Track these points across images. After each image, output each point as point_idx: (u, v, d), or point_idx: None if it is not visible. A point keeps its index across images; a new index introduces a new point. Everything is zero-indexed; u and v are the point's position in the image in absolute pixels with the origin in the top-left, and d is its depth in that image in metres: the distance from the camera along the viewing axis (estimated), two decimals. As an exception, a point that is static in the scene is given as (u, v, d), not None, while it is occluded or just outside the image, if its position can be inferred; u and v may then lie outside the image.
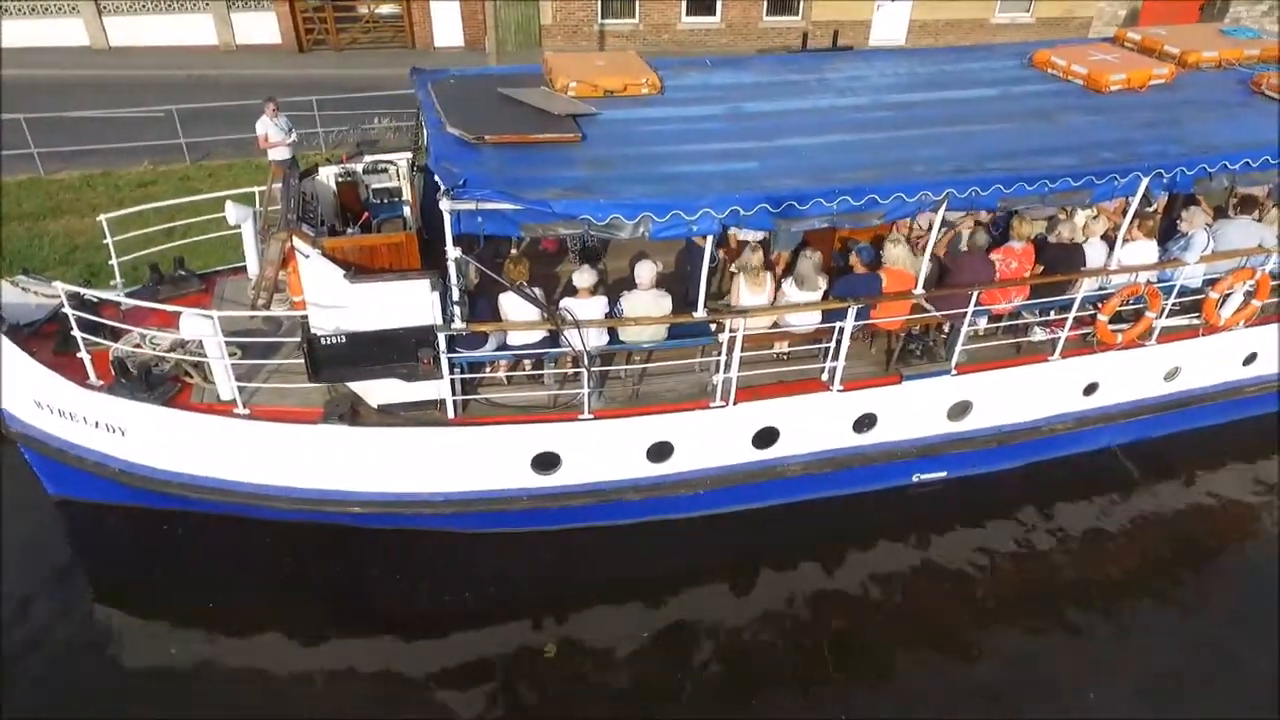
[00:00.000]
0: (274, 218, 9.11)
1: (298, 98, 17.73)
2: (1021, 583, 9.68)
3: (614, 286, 8.84)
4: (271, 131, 14.05)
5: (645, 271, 8.09)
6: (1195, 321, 9.96)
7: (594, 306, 8.04)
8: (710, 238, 7.65)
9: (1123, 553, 10.08)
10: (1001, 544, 10.11)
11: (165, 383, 8.39)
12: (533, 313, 7.96)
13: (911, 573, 9.72)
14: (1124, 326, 9.56)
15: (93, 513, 9.55)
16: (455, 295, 7.56)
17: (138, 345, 8.60)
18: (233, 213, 9.54)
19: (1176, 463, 11.05)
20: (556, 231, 7.43)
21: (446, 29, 26.16)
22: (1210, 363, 10.36)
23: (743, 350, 8.26)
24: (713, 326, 8.43)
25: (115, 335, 8.70)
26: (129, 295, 9.62)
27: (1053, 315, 9.54)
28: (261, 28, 25.45)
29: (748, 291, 8.32)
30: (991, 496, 10.44)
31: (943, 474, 10.17)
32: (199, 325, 7.79)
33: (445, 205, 7.03)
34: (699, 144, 8.45)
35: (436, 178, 7.32)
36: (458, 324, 7.72)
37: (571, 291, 8.19)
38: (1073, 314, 9.21)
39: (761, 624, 9.01)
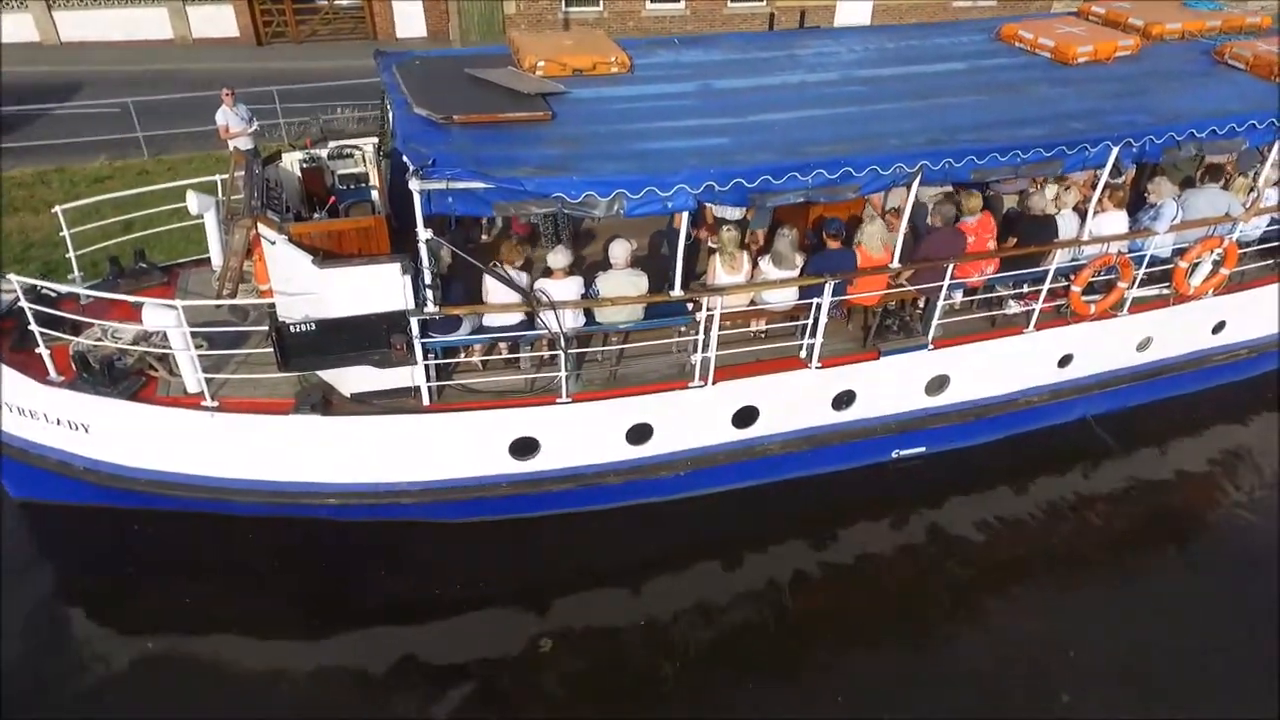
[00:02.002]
0: (237, 206, 8.89)
1: (258, 88, 17.34)
2: (1001, 557, 9.74)
3: (589, 270, 8.71)
4: (231, 121, 13.73)
5: (620, 251, 7.98)
6: (1165, 291, 10.04)
7: (569, 287, 7.92)
8: (686, 214, 7.56)
9: (1102, 523, 10.17)
10: (981, 519, 10.14)
11: (129, 376, 8.14)
12: (511, 295, 7.83)
13: (893, 550, 9.75)
14: (1097, 297, 9.62)
15: (59, 515, 9.25)
16: (427, 279, 7.40)
17: (99, 339, 8.34)
18: (194, 202, 9.30)
19: (1150, 431, 11.17)
20: (529, 210, 7.32)
21: (408, 20, 25.80)
22: (1181, 332, 10.47)
23: (720, 329, 8.19)
24: (690, 306, 8.35)
25: (75, 330, 8.40)
26: (88, 289, 9.34)
27: (1026, 288, 9.59)
28: (218, 21, 24.92)
29: (724, 270, 8.24)
30: (970, 470, 10.48)
31: (921, 449, 10.18)
32: (162, 316, 7.57)
33: (415, 185, 6.88)
34: (671, 121, 8.36)
35: (405, 158, 7.17)
36: (430, 308, 7.56)
37: (546, 273, 8.06)
38: (1046, 285, 9.24)
39: (749, 605, 8.99)
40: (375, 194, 8.58)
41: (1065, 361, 10.03)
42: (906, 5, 27.41)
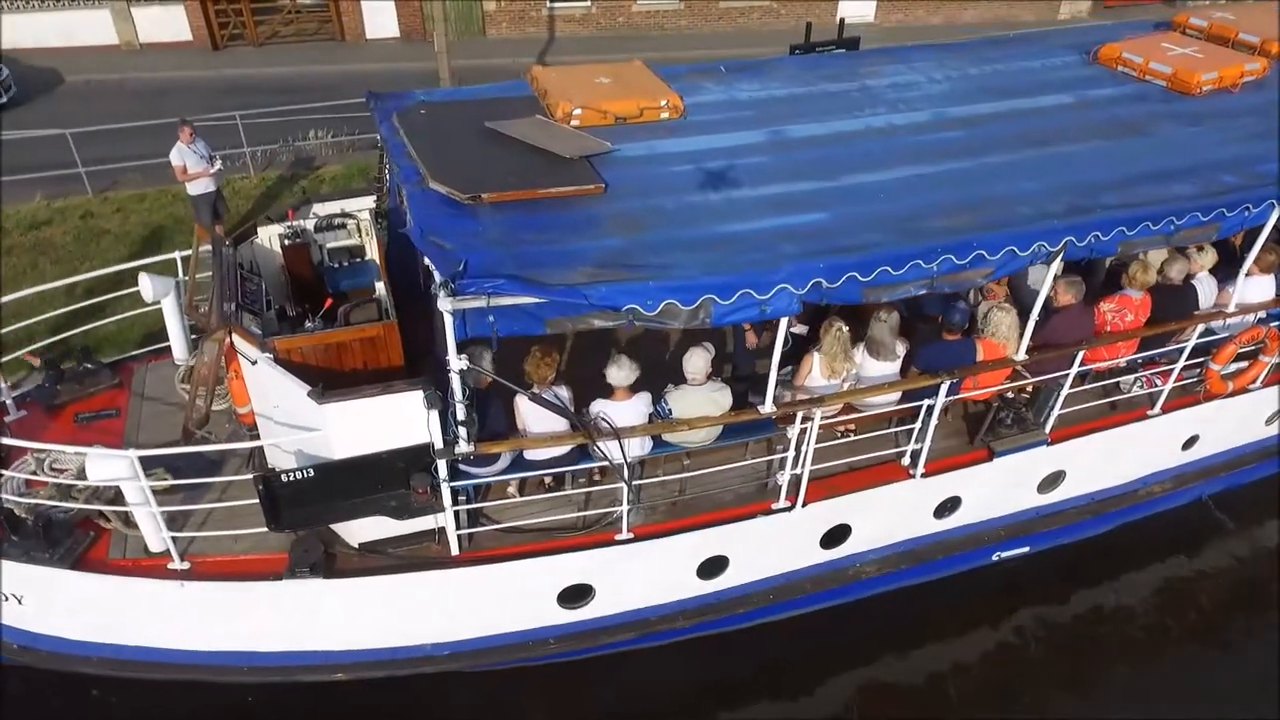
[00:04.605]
0: (203, 294, 7.16)
1: (217, 114, 15.28)
2: (1112, 656, 8.65)
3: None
4: (190, 161, 11.83)
5: (698, 363, 6.35)
6: (1302, 357, 8.64)
7: (635, 409, 6.28)
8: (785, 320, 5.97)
9: (1220, 608, 9.13)
10: (1087, 617, 9.04)
11: (73, 533, 6.39)
12: (559, 421, 6.18)
13: (991, 659, 8.59)
14: (1232, 370, 8.19)
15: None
16: (460, 414, 5.72)
17: (31, 479, 6.56)
18: (149, 287, 7.56)
19: (1271, 505, 9.87)
20: (590, 324, 5.65)
21: (378, 19, 23.65)
22: (1314, 400, 9.10)
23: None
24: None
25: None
26: (17, 400, 7.55)
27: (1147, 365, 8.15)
28: (168, 23, 22.61)
29: (822, 373, 6.66)
30: (1074, 564, 9.13)
31: (1025, 549, 8.70)
32: (111, 467, 5.80)
33: (446, 305, 5.19)
34: (748, 187, 6.73)
35: (427, 262, 5.50)
36: (463, 446, 5.89)
37: (603, 389, 6.38)
38: (1181, 363, 7.79)
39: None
40: (381, 286, 6.85)
41: (1190, 443, 8.61)
42: (910, -4, 25.81)
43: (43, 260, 11.58)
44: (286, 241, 7.45)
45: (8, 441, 6.07)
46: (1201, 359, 8.00)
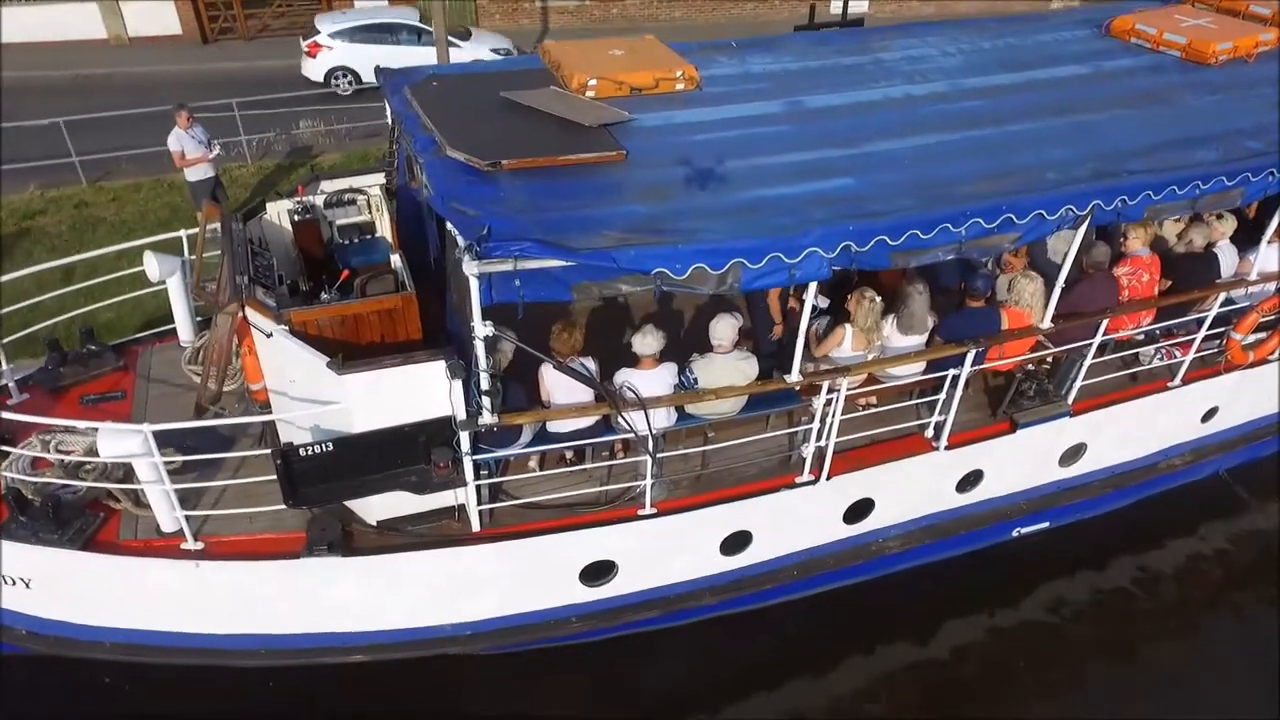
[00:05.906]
0: (209, 269, 6.99)
1: (211, 101, 15.06)
2: (1135, 634, 8.59)
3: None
4: (187, 146, 11.63)
5: (726, 331, 6.23)
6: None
7: (660, 378, 6.15)
8: (814, 284, 5.86)
9: (1235, 584, 9.06)
10: (1109, 593, 8.94)
11: (82, 514, 6.20)
12: (583, 392, 6.05)
13: (1013, 637, 8.49)
14: (1252, 339, 8.14)
15: (5, 664, 7.29)
16: (485, 383, 5.58)
17: (38, 459, 6.38)
18: (155, 266, 7.36)
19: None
20: (618, 290, 5.53)
21: (370, 11, 23.41)
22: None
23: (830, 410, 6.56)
24: (798, 385, 6.65)
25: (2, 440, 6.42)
26: (20, 383, 7.36)
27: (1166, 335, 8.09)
28: (157, 17, 22.34)
29: (854, 344, 6.55)
30: (1095, 540, 9.10)
31: (1045, 525, 8.63)
32: (125, 443, 5.64)
33: (472, 269, 5.05)
34: (771, 155, 6.61)
35: (450, 227, 5.36)
36: (487, 417, 5.75)
37: (628, 358, 6.25)
38: (1203, 332, 7.73)
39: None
40: (397, 259, 6.68)
41: (1209, 415, 8.55)
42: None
43: (38, 249, 11.37)
44: (296, 217, 7.30)
45: (19, 417, 5.87)
46: (1221, 329, 7.95)
